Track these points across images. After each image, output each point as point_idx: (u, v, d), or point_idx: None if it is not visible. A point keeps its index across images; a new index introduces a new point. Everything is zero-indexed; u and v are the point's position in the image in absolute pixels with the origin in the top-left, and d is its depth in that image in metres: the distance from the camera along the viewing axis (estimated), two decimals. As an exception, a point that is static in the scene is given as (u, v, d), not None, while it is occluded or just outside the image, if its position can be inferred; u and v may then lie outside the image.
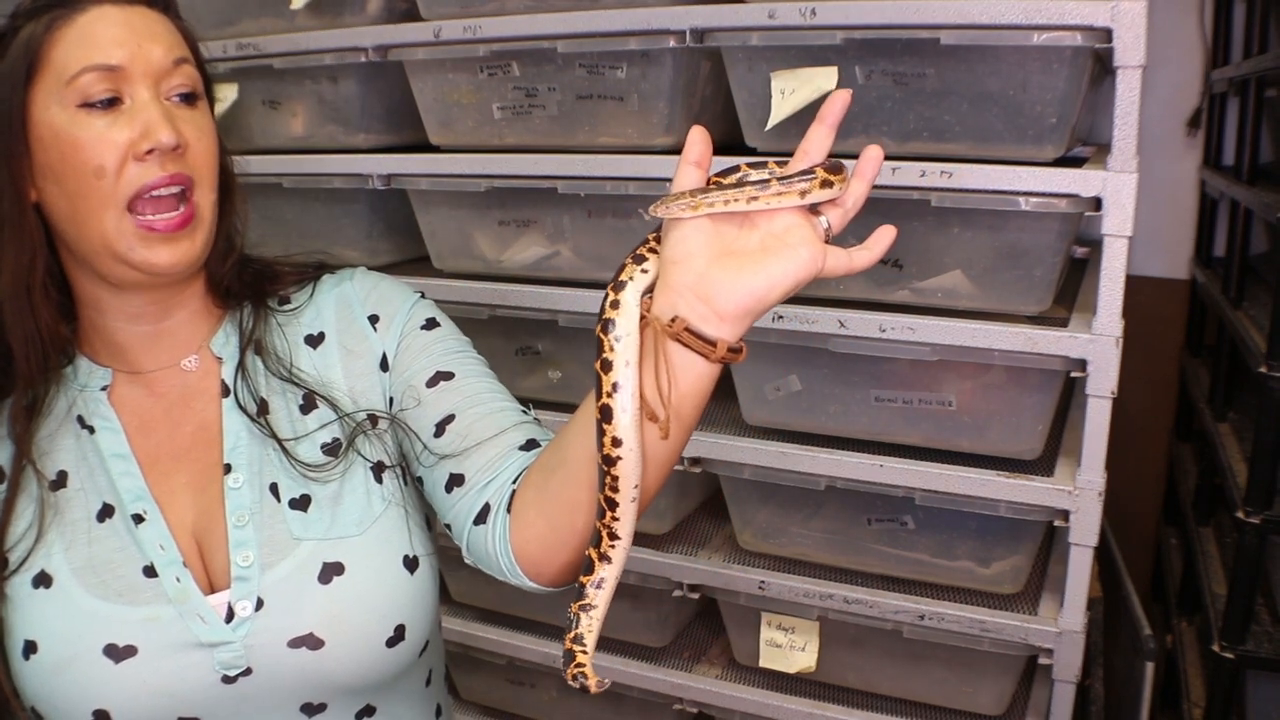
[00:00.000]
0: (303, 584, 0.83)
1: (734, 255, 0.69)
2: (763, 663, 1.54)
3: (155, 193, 0.81)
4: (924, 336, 1.33)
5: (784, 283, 0.68)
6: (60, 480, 0.85)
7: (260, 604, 0.83)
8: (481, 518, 0.85)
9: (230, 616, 0.82)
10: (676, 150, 1.47)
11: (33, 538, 0.83)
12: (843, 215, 0.72)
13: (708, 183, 0.71)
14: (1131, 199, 1.22)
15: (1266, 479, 1.50)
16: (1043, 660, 1.37)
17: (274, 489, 0.87)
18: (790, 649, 1.52)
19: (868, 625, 1.46)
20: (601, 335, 0.70)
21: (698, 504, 1.73)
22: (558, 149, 1.52)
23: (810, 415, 1.46)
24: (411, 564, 0.88)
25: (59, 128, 0.80)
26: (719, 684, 1.57)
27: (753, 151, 1.42)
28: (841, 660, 1.52)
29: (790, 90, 1.35)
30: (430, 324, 0.94)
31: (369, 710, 0.89)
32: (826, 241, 0.70)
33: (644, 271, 0.72)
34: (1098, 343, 1.26)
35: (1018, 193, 1.27)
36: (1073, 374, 1.30)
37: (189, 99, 0.85)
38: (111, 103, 0.81)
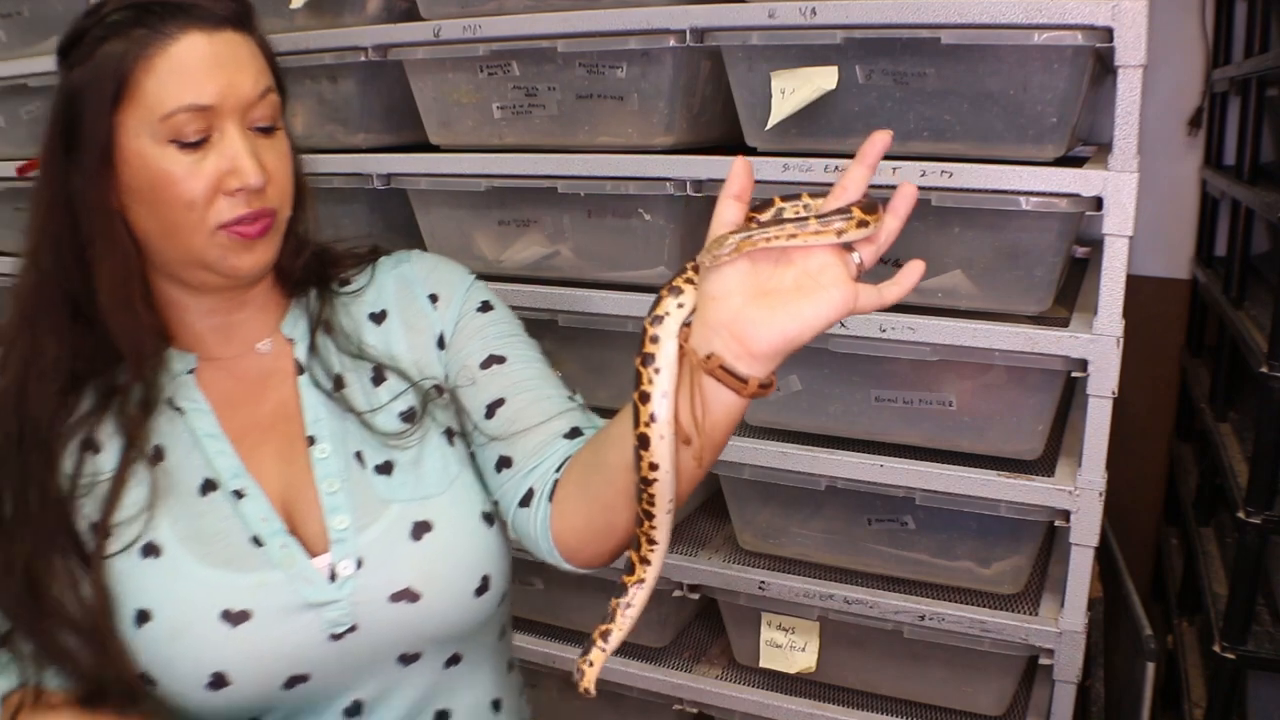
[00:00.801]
0: (396, 542, 0.89)
1: (769, 294, 0.72)
2: (763, 663, 1.54)
3: (242, 223, 0.86)
4: (924, 336, 1.33)
5: (815, 324, 0.71)
6: (159, 455, 0.89)
7: (360, 563, 0.88)
8: (525, 501, 0.91)
9: (333, 577, 0.87)
10: (677, 150, 1.48)
11: (146, 514, 0.86)
12: (875, 251, 0.74)
13: (746, 217, 0.74)
14: (1132, 199, 1.22)
15: (1267, 479, 1.50)
16: (1043, 660, 1.37)
17: (359, 456, 0.92)
18: (790, 649, 1.52)
19: (868, 625, 1.46)
20: (640, 368, 0.75)
21: (698, 504, 1.73)
22: (558, 149, 1.52)
23: (810, 415, 1.46)
24: (488, 518, 0.94)
25: (149, 158, 0.83)
26: (719, 684, 1.57)
27: (753, 151, 1.42)
28: (842, 660, 1.52)
29: (790, 90, 1.34)
30: (485, 307, 1.00)
31: (455, 659, 0.94)
32: (858, 276, 0.73)
33: (680, 306, 0.76)
34: (1098, 343, 1.26)
35: (1018, 192, 1.27)
36: (1073, 374, 1.29)
37: (268, 130, 0.89)
38: (202, 141, 0.84)
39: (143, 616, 0.84)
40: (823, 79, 1.33)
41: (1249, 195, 1.76)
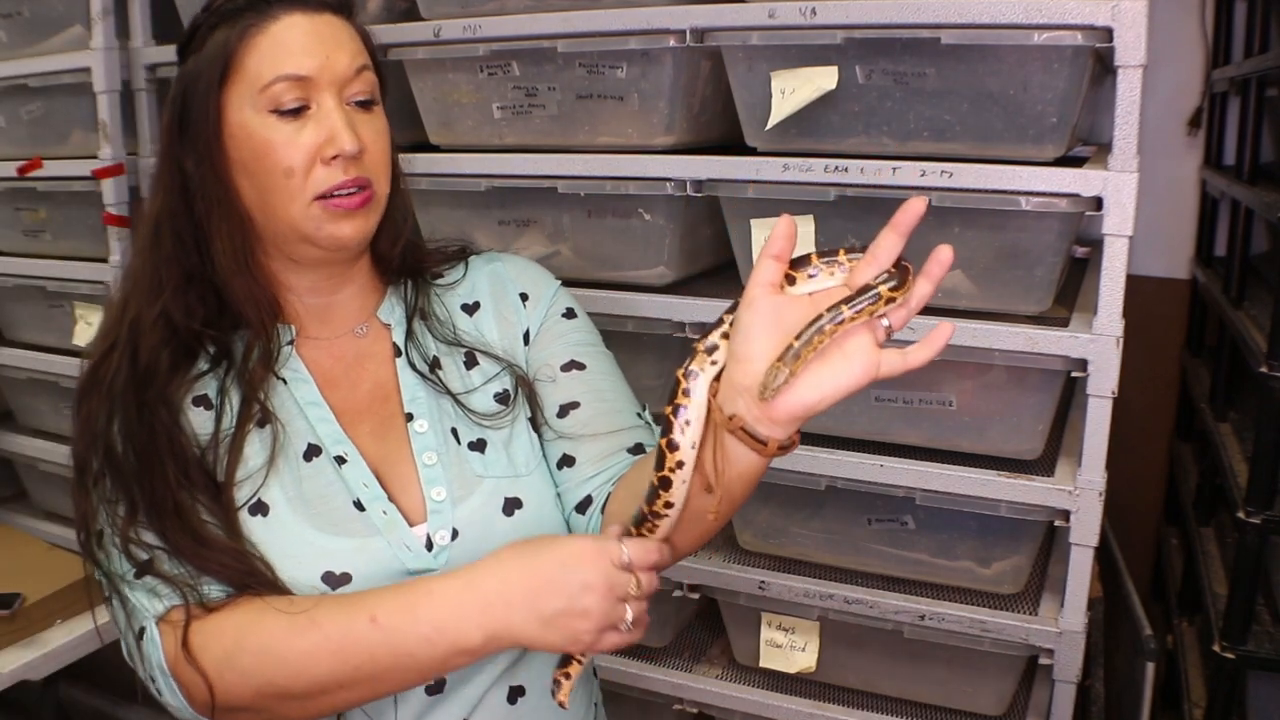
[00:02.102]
0: (490, 516, 0.92)
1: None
2: (763, 663, 1.54)
3: (339, 192, 0.90)
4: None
5: (836, 393, 0.73)
6: (268, 417, 0.92)
7: (456, 534, 0.91)
8: (582, 507, 0.95)
9: (429, 546, 0.90)
10: (677, 150, 1.48)
11: (262, 472, 0.89)
12: (907, 314, 0.75)
13: (785, 276, 0.75)
14: (1132, 198, 1.22)
15: (1267, 479, 1.50)
16: (1043, 660, 1.37)
17: (454, 433, 0.96)
18: (790, 649, 1.52)
19: (868, 625, 1.46)
20: (671, 417, 0.78)
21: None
22: (558, 149, 1.52)
23: (810, 415, 1.45)
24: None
25: (252, 129, 0.89)
26: (719, 684, 1.57)
27: (753, 151, 1.42)
28: (842, 660, 1.52)
29: (790, 90, 1.34)
30: (570, 313, 1.04)
31: None
32: (888, 337, 0.74)
33: (714, 363, 0.78)
34: (1098, 342, 1.26)
35: (1018, 192, 1.27)
36: (1073, 374, 1.29)
37: (366, 105, 0.93)
38: (300, 109, 0.89)
39: None
40: (823, 79, 1.33)
41: (1249, 195, 1.76)
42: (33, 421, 2.18)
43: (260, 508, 0.88)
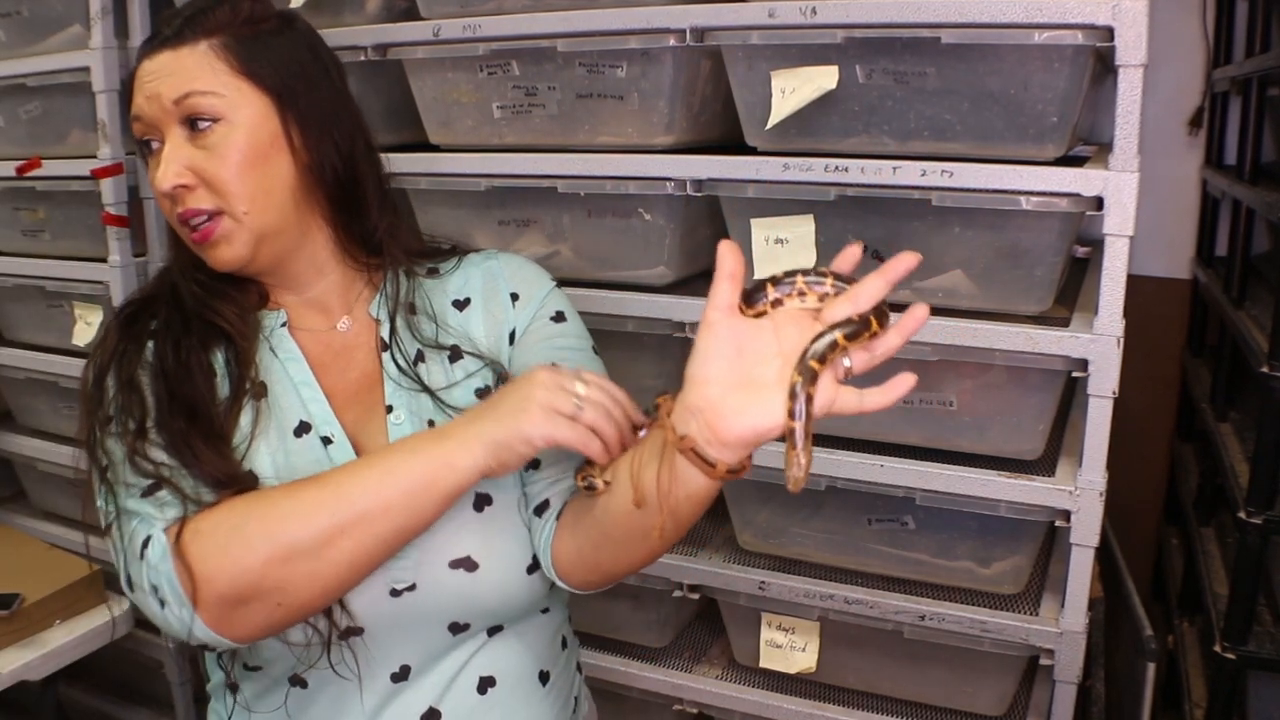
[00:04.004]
0: (460, 510, 0.92)
1: (747, 387, 0.75)
2: (763, 663, 1.54)
3: (189, 219, 0.93)
4: (924, 336, 1.33)
5: (783, 416, 0.74)
6: (263, 390, 0.95)
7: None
8: (540, 510, 0.95)
9: None
10: (677, 150, 1.48)
11: (247, 442, 0.91)
12: (869, 359, 0.75)
13: (744, 295, 0.77)
14: (1133, 198, 1.22)
15: (1268, 479, 1.50)
16: (1044, 661, 1.37)
17: (430, 425, 0.96)
18: (790, 649, 1.52)
19: (868, 626, 1.45)
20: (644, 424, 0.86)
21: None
22: (557, 148, 1.52)
23: (810, 415, 1.45)
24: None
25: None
26: (719, 684, 1.57)
27: (753, 151, 1.42)
28: (842, 661, 1.52)
29: (791, 89, 1.34)
30: (559, 316, 1.04)
31: (498, 628, 0.97)
32: (845, 379, 0.75)
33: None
34: (1099, 342, 1.26)
35: (1019, 192, 1.26)
36: (1074, 374, 1.29)
37: (198, 126, 0.92)
38: (151, 145, 0.94)
39: None
40: (823, 78, 1.33)
41: (1250, 195, 1.75)
42: (32, 421, 2.18)
43: (250, 475, 0.90)
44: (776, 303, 0.77)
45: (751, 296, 0.77)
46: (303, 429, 0.94)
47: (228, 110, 0.92)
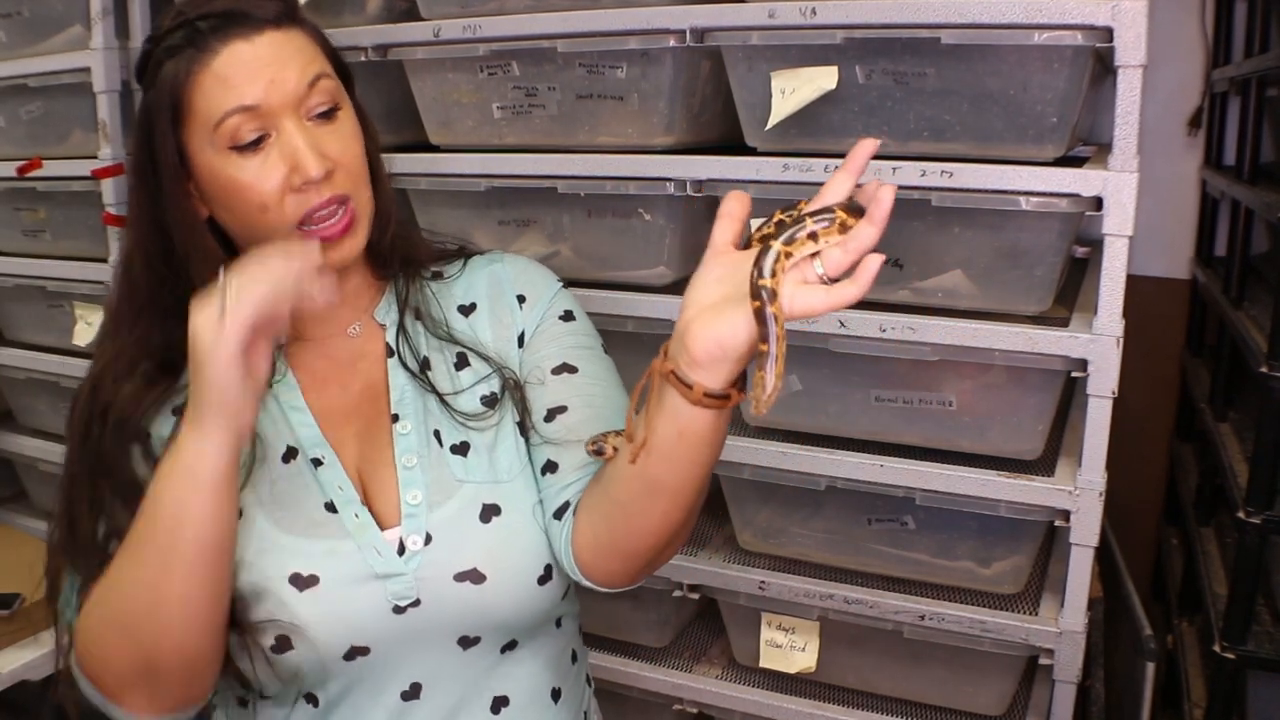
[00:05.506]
0: (466, 522, 0.91)
1: (716, 306, 0.75)
2: (763, 663, 1.54)
3: (320, 215, 0.88)
4: (924, 336, 1.33)
5: (751, 332, 0.72)
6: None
7: (429, 539, 0.90)
8: (559, 514, 0.93)
9: (401, 550, 0.89)
10: (676, 150, 1.48)
11: (243, 476, 0.88)
12: (843, 256, 0.72)
13: (748, 239, 0.78)
14: (1132, 198, 1.22)
15: (1267, 479, 1.50)
16: (1043, 660, 1.37)
17: (437, 435, 0.95)
18: (790, 649, 1.52)
19: (868, 625, 1.46)
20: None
21: (698, 504, 1.72)
22: (558, 149, 1.52)
23: (810, 415, 1.46)
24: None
25: (217, 169, 0.87)
26: (719, 684, 1.57)
27: (753, 151, 1.42)
28: (842, 660, 1.52)
29: (791, 89, 1.34)
30: (567, 316, 1.02)
31: (512, 644, 0.95)
32: (820, 283, 0.73)
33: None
34: (1098, 342, 1.26)
35: (1018, 192, 1.26)
36: (1073, 374, 1.29)
37: (329, 114, 0.90)
38: (259, 140, 0.86)
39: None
40: (823, 79, 1.33)
41: (1249, 195, 1.75)
42: (32, 421, 2.18)
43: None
44: (764, 239, 0.76)
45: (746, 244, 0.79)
46: (290, 454, 0.92)
47: (340, 95, 0.91)
